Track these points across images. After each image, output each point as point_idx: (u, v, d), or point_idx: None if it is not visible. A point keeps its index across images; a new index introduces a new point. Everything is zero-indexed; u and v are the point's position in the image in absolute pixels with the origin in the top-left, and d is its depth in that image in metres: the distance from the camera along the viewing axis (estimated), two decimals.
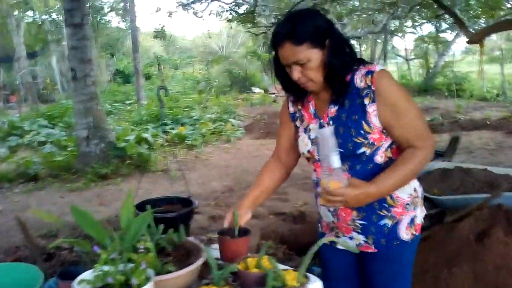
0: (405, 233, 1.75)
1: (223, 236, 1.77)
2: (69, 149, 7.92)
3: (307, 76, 1.63)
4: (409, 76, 22.08)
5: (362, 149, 1.66)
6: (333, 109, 1.71)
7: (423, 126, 1.66)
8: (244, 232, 1.78)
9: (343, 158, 1.65)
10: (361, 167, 1.68)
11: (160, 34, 15.55)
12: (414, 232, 1.77)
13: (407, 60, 22.47)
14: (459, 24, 7.05)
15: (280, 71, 1.72)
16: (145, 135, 8.56)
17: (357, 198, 1.56)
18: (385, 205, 1.72)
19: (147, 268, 1.34)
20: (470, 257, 2.81)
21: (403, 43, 38.52)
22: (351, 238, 1.80)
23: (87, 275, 1.35)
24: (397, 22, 17.60)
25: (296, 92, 1.78)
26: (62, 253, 3.76)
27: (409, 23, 17.40)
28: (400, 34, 20.46)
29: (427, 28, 21.86)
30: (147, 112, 11.73)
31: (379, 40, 22.26)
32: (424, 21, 15.71)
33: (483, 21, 11.89)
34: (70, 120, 10.83)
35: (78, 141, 7.11)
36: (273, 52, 1.69)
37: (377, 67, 1.63)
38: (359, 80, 1.64)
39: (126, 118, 12.46)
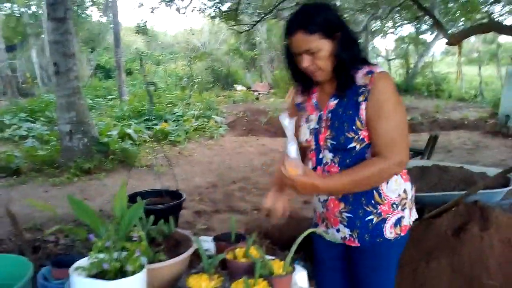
0: (389, 232, 1.80)
1: (220, 242, 1.82)
2: (51, 143, 7.85)
3: (316, 65, 1.71)
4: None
5: (353, 144, 1.73)
6: (332, 102, 1.78)
7: (400, 140, 1.67)
8: (241, 237, 1.85)
9: (335, 150, 1.75)
10: (350, 161, 1.75)
11: (142, 30, 15.48)
12: (399, 232, 1.82)
13: (387, 60, 22.74)
14: (437, 26, 7.21)
15: (291, 60, 1.79)
16: (128, 130, 8.54)
17: (304, 186, 1.62)
18: (372, 201, 1.78)
19: (141, 256, 1.40)
20: (448, 251, 2.92)
21: (384, 43, 38.93)
22: (338, 230, 1.87)
23: (83, 262, 1.40)
24: (378, 23, 17.80)
25: (304, 82, 1.86)
26: (48, 245, 3.78)
27: (389, 23, 17.63)
28: (380, 35, 20.69)
29: (408, 29, 22.17)
30: (130, 108, 11.67)
31: (360, 40, 22.47)
32: (404, 21, 15.95)
33: (461, 24, 12.14)
34: (52, 115, 10.72)
35: (61, 136, 7.06)
36: (285, 41, 1.75)
37: (379, 69, 1.70)
38: (360, 78, 1.70)
39: (108, 113, 12.37)
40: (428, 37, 20.05)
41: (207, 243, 1.91)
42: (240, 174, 6.88)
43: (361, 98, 1.69)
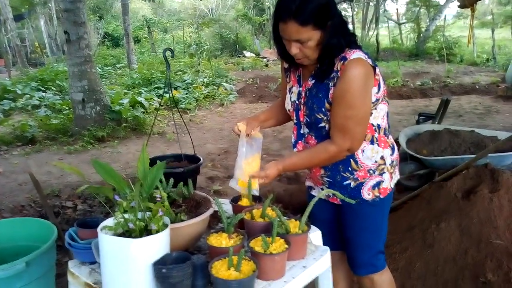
0: (366, 193, 1.92)
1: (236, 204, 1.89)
2: (64, 112, 7.93)
3: (303, 53, 1.74)
4: (400, 41, 22.02)
5: (322, 124, 1.84)
6: (310, 82, 1.86)
7: (353, 129, 1.76)
8: (257, 199, 1.91)
9: (309, 127, 1.90)
10: (322, 138, 1.87)
11: None
12: (377, 194, 1.93)
13: (398, 24, 22.35)
14: None
15: (279, 40, 1.80)
16: (139, 98, 8.58)
17: (274, 175, 1.86)
18: (349, 168, 1.90)
19: (164, 216, 1.47)
20: (457, 213, 2.98)
21: (395, 6, 38.14)
22: (322, 189, 2.03)
23: (109, 222, 1.47)
24: None
25: (291, 61, 1.88)
26: (67, 211, 3.91)
27: None
28: None
29: None
30: (139, 76, 11.68)
31: (371, 4, 22.09)
32: None
33: None
34: (62, 84, 10.77)
35: (73, 104, 7.12)
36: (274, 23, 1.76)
37: (353, 55, 1.70)
38: (336, 63, 1.73)
39: (118, 81, 12.40)
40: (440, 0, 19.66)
41: (224, 205, 1.98)
42: None
43: (331, 83, 1.75)
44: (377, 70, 1.77)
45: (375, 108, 1.83)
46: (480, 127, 5.88)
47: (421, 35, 19.84)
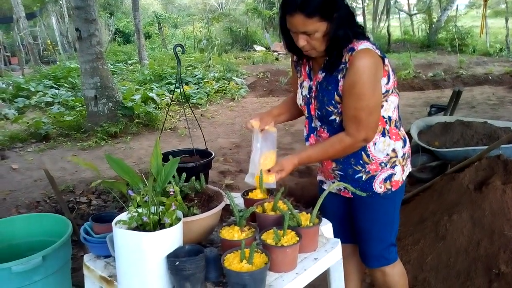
0: (378, 186, 1.92)
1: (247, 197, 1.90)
2: (77, 109, 8.01)
3: (311, 45, 1.75)
4: (411, 32, 21.82)
5: (333, 117, 1.84)
6: (320, 75, 1.87)
7: (366, 119, 1.75)
8: (269, 191, 1.93)
9: (321, 120, 1.90)
10: (334, 130, 1.88)
11: None
12: (389, 187, 1.93)
13: (410, 15, 22.15)
14: None
15: (286, 32, 1.82)
16: (151, 94, 8.63)
17: (290, 168, 1.88)
18: (361, 161, 1.90)
19: (177, 209, 1.50)
20: (469, 205, 2.97)
21: None
22: (333, 183, 2.03)
23: (123, 216, 1.50)
24: None
25: (299, 53, 1.90)
26: (81, 206, 3.97)
27: None
28: None
29: None
30: (150, 72, 11.74)
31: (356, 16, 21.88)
32: None
33: None
34: (74, 81, 10.88)
35: (86, 101, 7.19)
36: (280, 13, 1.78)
37: (361, 46, 1.70)
38: (344, 54, 1.74)
39: (129, 78, 12.47)
40: None
41: (236, 199, 2.00)
42: None
43: (340, 75, 1.76)
44: (386, 61, 1.77)
45: (386, 100, 1.83)
46: (493, 118, 5.83)
47: (433, 26, 19.63)
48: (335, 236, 1.90)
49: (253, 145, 1.97)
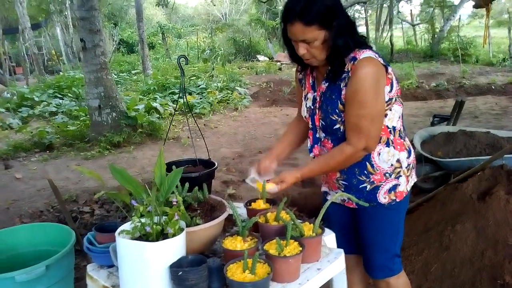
0: (382, 197, 1.91)
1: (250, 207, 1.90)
2: (80, 118, 8.05)
3: (311, 53, 1.77)
4: (414, 42, 21.87)
5: (337, 125, 1.84)
6: (324, 85, 1.87)
7: (367, 128, 1.75)
8: (272, 202, 1.93)
9: (325, 130, 1.90)
10: (338, 141, 1.87)
11: (162, 2, 15.43)
12: (393, 198, 1.92)
13: (413, 25, 22.22)
14: None
15: (288, 42, 1.84)
16: (154, 104, 8.67)
17: (291, 183, 1.90)
18: (365, 172, 1.89)
19: (180, 220, 1.50)
20: (473, 215, 2.96)
21: (409, 7, 37.89)
22: (337, 193, 1.99)
23: (126, 226, 1.51)
24: None
25: (301, 63, 1.91)
26: (84, 216, 3.97)
27: None
28: None
29: None
30: (154, 82, 11.79)
31: (385, 5, 22.00)
32: None
33: None
34: (78, 91, 10.93)
35: (90, 111, 7.23)
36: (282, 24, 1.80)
37: (363, 54, 1.71)
38: (347, 63, 1.75)
39: (133, 88, 12.53)
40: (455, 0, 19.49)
41: (239, 209, 2.00)
42: (266, 144, 6.96)
43: (343, 84, 1.77)
44: (390, 70, 1.78)
45: (390, 110, 1.83)
46: (496, 128, 5.82)
47: (436, 36, 19.67)
48: (339, 246, 1.89)
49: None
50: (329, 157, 1.85)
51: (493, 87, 11.29)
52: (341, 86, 1.77)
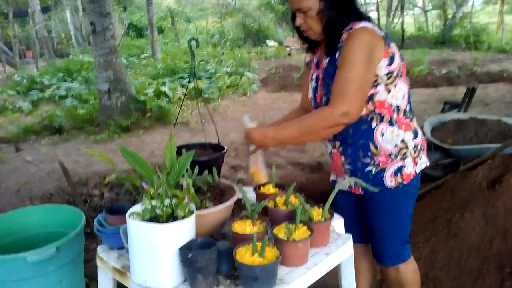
0: (389, 181, 1.88)
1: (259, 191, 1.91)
2: (90, 102, 8.08)
3: (307, 24, 1.81)
4: (426, 28, 21.62)
5: None
6: (325, 61, 1.87)
7: (352, 93, 1.68)
8: (281, 187, 1.93)
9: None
10: None
11: None
12: (400, 181, 1.88)
13: (424, 11, 21.94)
14: None
15: (293, 16, 1.87)
16: (163, 88, 8.67)
17: (256, 136, 1.86)
18: (369, 153, 1.86)
19: (190, 202, 1.51)
20: (482, 203, 2.95)
21: None
22: (344, 179, 1.99)
23: (137, 208, 1.52)
24: None
25: (309, 41, 1.94)
26: (94, 199, 4.01)
27: None
28: None
29: None
30: (163, 66, 11.77)
31: None
32: None
33: None
34: (88, 74, 10.96)
35: (99, 95, 7.25)
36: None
37: (359, 25, 1.71)
38: (343, 35, 1.76)
39: (142, 72, 12.53)
40: None
41: (248, 193, 2.01)
42: None
43: (338, 53, 1.77)
44: (392, 44, 1.76)
45: (394, 86, 1.80)
46: (508, 116, 5.75)
47: (448, 22, 19.43)
48: None
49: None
50: (306, 116, 1.82)
51: (505, 75, 11.14)
52: (337, 57, 1.77)
